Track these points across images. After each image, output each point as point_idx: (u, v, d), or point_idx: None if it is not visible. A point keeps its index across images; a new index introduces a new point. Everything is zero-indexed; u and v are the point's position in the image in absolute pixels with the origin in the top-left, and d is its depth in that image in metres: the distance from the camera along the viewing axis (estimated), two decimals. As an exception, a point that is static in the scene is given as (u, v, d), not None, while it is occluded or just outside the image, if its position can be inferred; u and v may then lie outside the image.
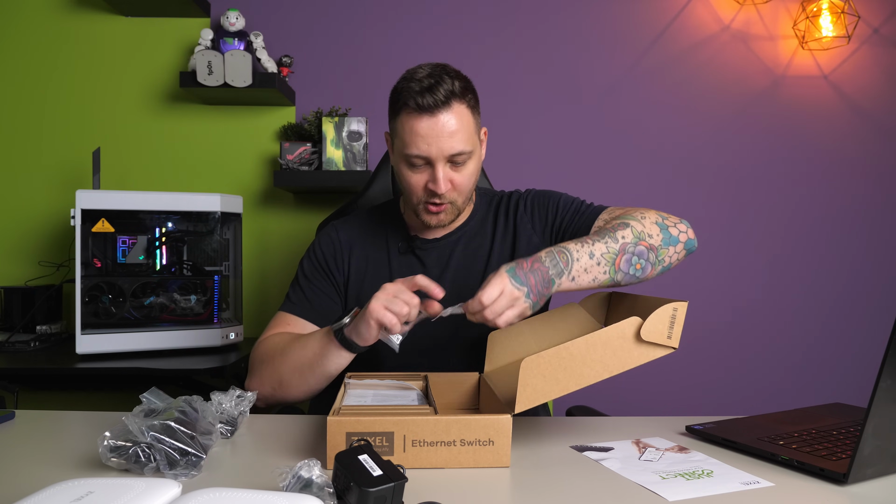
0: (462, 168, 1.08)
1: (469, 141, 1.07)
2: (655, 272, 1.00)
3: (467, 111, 1.07)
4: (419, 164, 1.08)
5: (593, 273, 0.94)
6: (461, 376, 1.03)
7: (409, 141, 1.06)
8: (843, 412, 1.00)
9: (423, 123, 1.04)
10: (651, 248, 0.98)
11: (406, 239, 1.21)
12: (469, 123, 1.07)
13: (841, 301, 2.15)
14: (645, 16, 2.10)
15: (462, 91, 1.07)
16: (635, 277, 0.98)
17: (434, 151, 1.05)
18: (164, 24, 2.05)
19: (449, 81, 1.05)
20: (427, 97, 1.03)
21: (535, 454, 0.84)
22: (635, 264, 0.96)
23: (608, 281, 0.96)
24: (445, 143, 1.05)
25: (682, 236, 1.02)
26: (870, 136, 2.14)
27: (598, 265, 0.94)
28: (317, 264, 1.21)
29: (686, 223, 1.04)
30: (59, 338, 1.83)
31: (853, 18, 2.05)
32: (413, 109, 1.04)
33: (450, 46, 2.08)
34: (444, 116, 1.04)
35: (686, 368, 2.12)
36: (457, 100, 1.05)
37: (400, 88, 1.08)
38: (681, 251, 1.02)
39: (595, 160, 2.11)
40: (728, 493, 0.70)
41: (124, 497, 0.59)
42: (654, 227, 1.00)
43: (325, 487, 0.62)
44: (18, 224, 2.06)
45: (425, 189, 1.09)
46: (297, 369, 1.05)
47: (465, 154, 1.07)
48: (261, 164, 2.07)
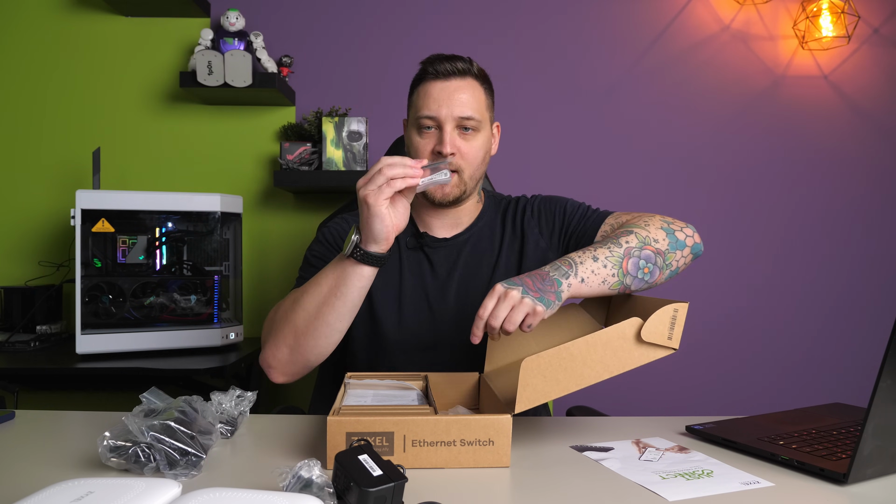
0: (470, 137, 1.11)
1: (478, 111, 1.11)
2: (664, 276, 1.00)
3: (480, 88, 1.13)
4: (429, 127, 1.10)
5: (602, 275, 0.94)
6: (461, 376, 1.03)
7: (421, 104, 1.11)
8: (843, 412, 1.00)
9: (436, 86, 1.10)
10: (658, 252, 0.98)
11: (415, 235, 1.21)
12: (480, 98, 1.12)
13: (841, 301, 2.15)
14: (645, 16, 2.10)
15: (479, 72, 1.14)
16: (645, 282, 0.98)
17: (444, 112, 1.09)
18: (164, 24, 2.05)
19: (467, 61, 1.12)
20: (445, 64, 1.10)
21: (535, 454, 0.84)
22: (643, 268, 0.97)
23: (618, 284, 0.95)
24: (456, 106, 1.09)
25: (689, 240, 1.03)
26: (870, 136, 2.14)
27: (604, 267, 0.94)
28: (326, 244, 1.20)
29: (692, 227, 1.05)
30: (59, 338, 1.83)
31: (853, 18, 2.05)
32: (430, 75, 1.11)
33: (450, 46, 2.07)
34: (457, 82, 1.10)
35: (686, 368, 2.12)
36: (472, 76, 1.12)
37: (422, 66, 1.14)
38: (688, 255, 1.03)
39: (595, 160, 2.11)
40: (728, 493, 0.70)
41: (124, 497, 0.59)
42: (660, 231, 1.01)
43: (325, 487, 0.62)
44: (18, 224, 2.06)
45: (432, 153, 1.10)
46: (314, 311, 0.99)
47: (473, 121, 1.10)
48: (261, 164, 2.07)
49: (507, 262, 1.19)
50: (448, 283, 1.18)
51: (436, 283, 1.18)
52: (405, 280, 1.18)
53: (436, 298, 1.17)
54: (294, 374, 1.05)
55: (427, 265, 1.19)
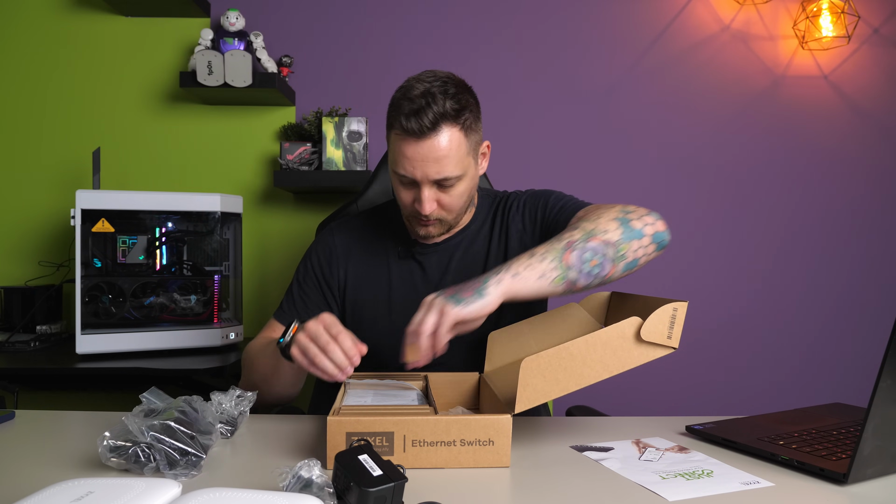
0: (450, 190, 1.06)
1: (459, 165, 1.03)
2: (619, 269, 0.92)
3: (459, 134, 1.02)
4: (406, 183, 1.06)
5: (539, 269, 0.87)
6: (461, 376, 1.03)
7: (396, 160, 1.05)
8: (843, 412, 1.00)
9: (409, 147, 1.01)
10: (607, 242, 0.91)
11: (406, 243, 1.20)
12: (460, 147, 1.03)
13: (841, 301, 2.15)
14: (645, 16, 2.10)
15: (455, 113, 1.01)
16: (595, 276, 0.90)
17: (419, 175, 1.03)
18: (164, 24, 2.05)
19: (441, 103, 1.00)
20: (413, 122, 0.99)
21: (535, 454, 0.84)
22: (590, 261, 0.89)
23: (561, 279, 0.88)
24: (431, 168, 1.02)
25: (649, 229, 0.95)
26: (870, 136, 2.14)
27: (541, 262, 0.88)
28: (311, 272, 1.22)
29: (655, 215, 0.97)
30: (59, 338, 1.83)
31: (853, 18, 2.05)
32: (400, 131, 1.02)
33: (450, 46, 2.08)
34: (431, 142, 1.00)
35: (686, 368, 2.12)
36: (448, 123, 1.01)
37: (394, 102, 1.04)
38: (648, 245, 0.95)
39: (595, 160, 2.11)
40: (728, 493, 0.70)
41: (124, 497, 0.59)
42: (612, 222, 0.94)
43: (325, 487, 0.62)
44: (18, 224, 2.06)
45: (412, 205, 1.08)
46: (262, 378, 1.09)
47: (452, 178, 1.04)
48: (261, 164, 2.07)
49: (495, 261, 1.18)
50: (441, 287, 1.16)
51: (427, 289, 1.17)
52: (394, 291, 1.18)
53: None
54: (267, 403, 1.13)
55: (419, 272, 1.19)
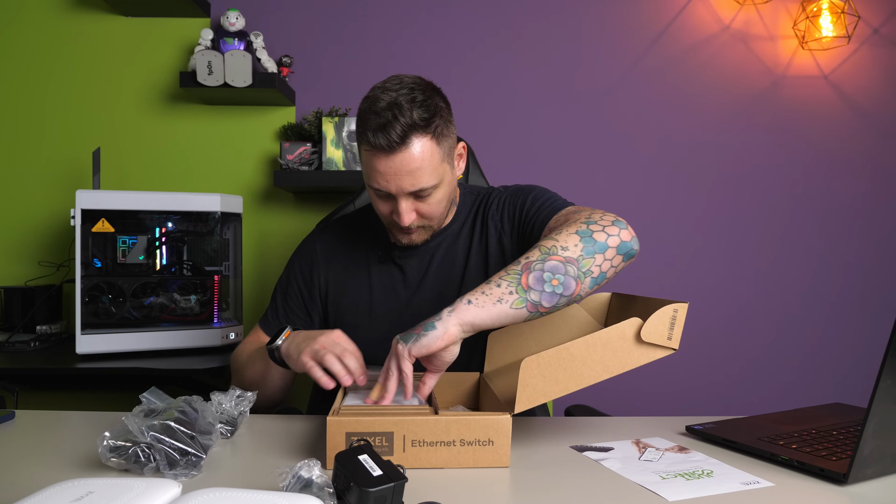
0: (428, 199, 1.04)
1: (433, 174, 1.01)
2: (585, 285, 0.88)
3: (430, 143, 1.00)
4: (383, 196, 1.05)
5: (495, 294, 0.84)
6: (461, 376, 1.03)
7: (369, 174, 1.02)
8: (843, 412, 1.00)
9: (381, 162, 0.99)
10: (567, 260, 0.86)
11: (385, 247, 1.19)
12: (433, 156, 1.00)
13: (841, 301, 2.15)
14: (645, 16, 2.10)
15: (425, 122, 0.98)
16: (559, 296, 0.86)
17: (394, 188, 1.01)
18: (164, 24, 2.05)
19: (408, 113, 0.97)
20: (381, 137, 0.97)
21: (535, 454, 0.84)
22: (550, 280, 0.85)
23: (521, 302, 0.84)
24: (406, 181, 0.99)
25: (613, 240, 0.90)
26: (870, 136, 2.14)
27: (498, 287, 0.84)
28: (293, 283, 1.23)
29: (620, 224, 0.92)
30: (59, 338, 1.83)
31: (853, 18, 2.05)
32: (369, 147, 0.99)
33: (450, 46, 2.08)
34: (402, 156, 0.98)
35: (686, 369, 2.12)
36: (417, 133, 0.98)
37: (360, 115, 1.01)
38: (614, 257, 0.90)
39: (595, 160, 2.11)
40: (728, 493, 0.70)
41: (124, 497, 0.59)
42: (572, 237, 0.89)
43: (325, 487, 0.62)
44: (18, 224, 2.06)
45: (391, 216, 1.07)
46: (251, 383, 1.12)
47: (428, 188, 1.02)
48: (261, 164, 2.07)
49: (476, 261, 1.16)
50: (420, 292, 1.17)
51: (408, 293, 1.17)
52: (375, 296, 1.18)
53: (410, 308, 1.16)
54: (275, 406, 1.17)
55: (399, 275, 1.18)
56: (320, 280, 1.21)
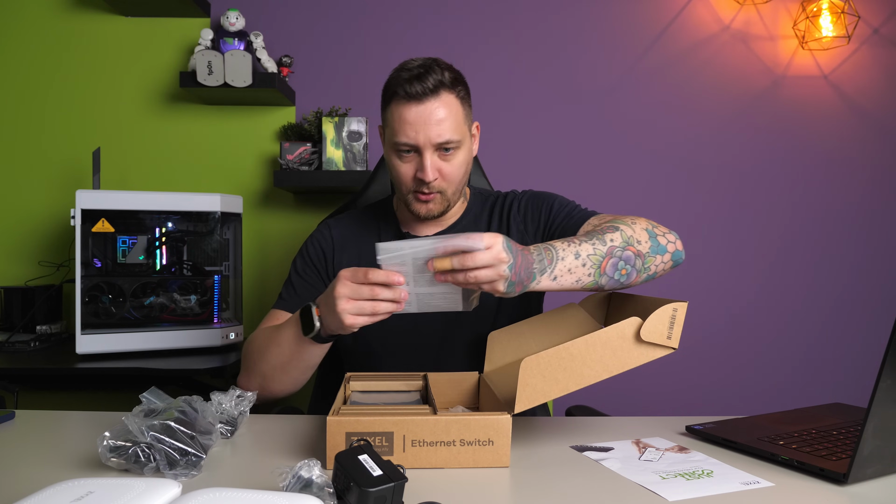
0: (451, 157, 1.09)
1: (458, 130, 1.07)
2: (640, 279, 0.97)
3: (456, 101, 1.08)
4: (408, 153, 1.08)
5: (577, 274, 0.90)
6: (461, 376, 1.03)
7: (397, 129, 1.07)
8: (843, 412, 1.00)
9: (411, 111, 1.05)
10: (638, 254, 0.95)
11: (398, 235, 1.20)
12: (458, 114, 1.08)
13: (841, 301, 2.15)
14: (645, 16, 2.10)
15: (452, 81, 1.08)
16: (619, 283, 0.94)
17: (422, 139, 1.05)
18: (164, 24, 2.05)
19: (439, 72, 1.06)
20: (416, 85, 1.04)
21: (535, 454, 0.84)
22: (621, 269, 0.93)
23: (592, 284, 0.92)
24: (433, 130, 1.05)
25: (671, 246, 0.99)
26: (870, 136, 2.14)
27: (583, 266, 0.90)
28: (308, 262, 1.22)
29: (675, 234, 1.02)
30: (59, 338, 1.83)
31: (853, 18, 2.05)
32: (402, 97, 1.06)
33: (450, 46, 2.08)
34: (433, 104, 1.05)
35: (686, 368, 2.12)
36: (446, 89, 1.07)
37: (391, 78, 1.09)
38: (668, 262, 0.99)
39: (595, 160, 2.11)
40: (728, 493, 0.70)
41: (124, 497, 0.59)
42: (644, 233, 0.97)
43: (325, 487, 0.62)
44: (18, 224, 2.06)
45: (414, 178, 1.09)
46: (276, 367, 1.07)
47: (453, 143, 1.07)
48: (261, 164, 2.07)
49: None
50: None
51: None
52: None
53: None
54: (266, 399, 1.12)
55: None
56: (336, 264, 1.21)
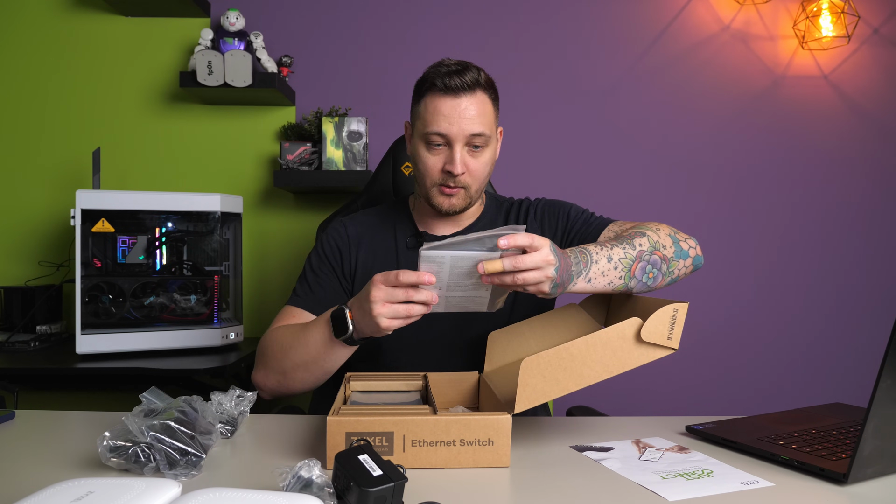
0: (479, 154, 1.12)
1: (488, 126, 1.11)
2: (664, 283, 1.02)
3: (489, 101, 1.12)
4: (438, 144, 1.10)
5: (609, 277, 0.94)
6: (461, 376, 1.03)
7: (431, 120, 1.10)
8: (843, 412, 1.00)
9: (447, 103, 1.08)
10: (664, 258, 0.99)
11: (414, 234, 1.22)
12: (490, 112, 1.12)
13: (841, 301, 2.15)
14: (645, 16, 2.10)
15: (487, 82, 1.12)
16: (646, 286, 0.99)
17: (455, 130, 1.08)
18: (164, 24, 2.05)
19: (475, 71, 1.11)
20: (455, 79, 1.08)
21: (535, 454, 0.84)
22: (648, 272, 0.98)
23: (622, 287, 0.96)
24: (466, 123, 1.08)
25: (692, 251, 1.04)
26: (870, 136, 2.14)
27: (614, 269, 0.95)
28: (324, 258, 1.22)
29: (695, 240, 1.06)
30: (59, 338, 1.83)
31: (853, 18, 2.05)
32: (439, 89, 1.09)
33: (450, 46, 2.08)
34: (468, 99, 1.09)
35: (686, 368, 2.12)
36: (481, 88, 1.11)
37: (428, 73, 1.12)
38: (688, 266, 1.04)
39: (595, 160, 2.11)
40: (728, 493, 0.70)
41: (124, 497, 0.59)
42: (668, 238, 1.02)
43: (325, 487, 0.62)
44: (18, 224, 2.06)
45: (442, 171, 1.11)
46: (299, 365, 1.06)
47: (484, 137, 1.10)
48: (261, 164, 2.07)
49: None
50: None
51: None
52: None
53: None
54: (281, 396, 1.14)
55: None
56: (351, 260, 1.21)
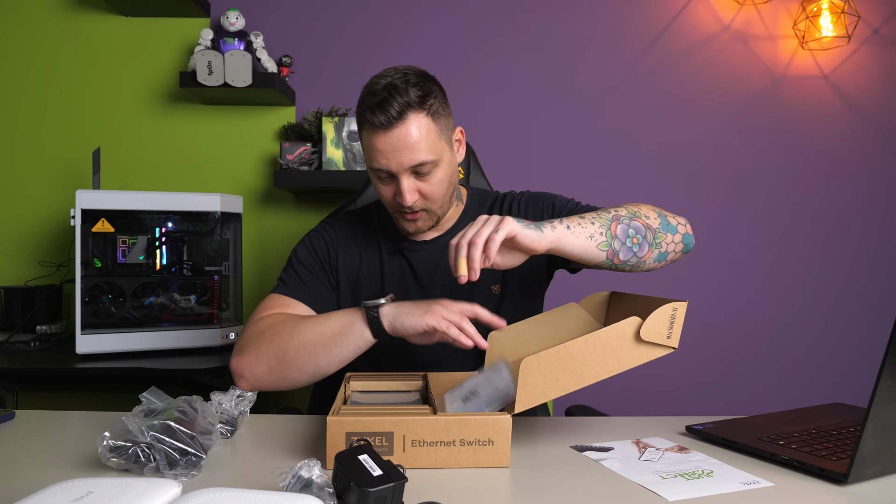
0: (429, 177, 1.06)
1: (431, 150, 1.04)
2: (653, 256, 0.97)
3: (427, 120, 1.03)
4: (384, 177, 1.06)
5: (589, 230, 0.91)
6: (461, 376, 1.03)
7: (370, 155, 1.05)
8: (843, 412, 1.00)
9: (380, 139, 1.02)
10: (648, 227, 0.96)
11: (395, 239, 1.19)
12: (430, 132, 1.04)
13: (841, 301, 2.15)
14: (645, 16, 2.10)
15: (420, 100, 1.03)
16: (634, 254, 0.95)
17: (394, 165, 1.03)
18: (164, 24, 2.05)
19: (403, 92, 1.01)
20: (379, 114, 1.01)
21: (535, 454, 0.84)
22: (632, 237, 0.94)
23: (606, 245, 0.92)
24: (405, 156, 1.02)
25: (681, 228, 1.01)
26: (870, 136, 2.14)
27: (592, 224, 0.91)
28: (313, 253, 1.19)
29: (685, 219, 1.03)
30: (59, 338, 1.83)
31: (853, 18, 2.05)
32: (369, 126, 1.03)
33: (450, 46, 2.08)
34: (400, 130, 1.01)
35: (686, 368, 2.12)
36: (413, 110, 1.02)
37: (360, 101, 1.06)
38: (678, 243, 1.00)
39: (595, 160, 2.11)
40: (728, 493, 0.70)
41: (124, 497, 0.59)
42: (652, 211, 0.99)
43: (325, 487, 0.62)
44: (18, 224, 2.06)
45: (395, 200, 1.08)
46: (308, 346, 0.98)
47: (427, 164, 1.04)
48: (261, 164, 2.07)
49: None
50: (431, 288, 1.16)
51: (418, 288, 1.17)
52: (387, 288, 1.17)
53: None
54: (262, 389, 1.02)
55: (409, 270, 1.18)
56: (337, 263, 1.19)
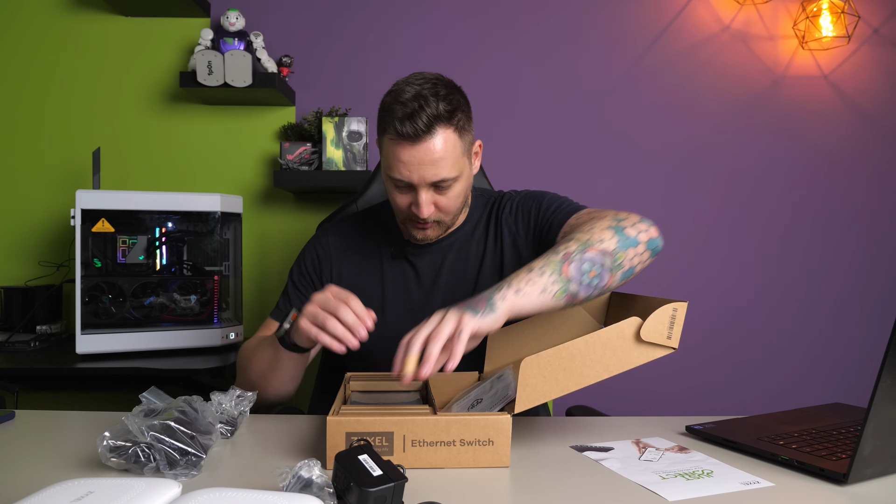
0: (447, 191, 1.06)
1: (454, 166, 1.03)
2: (616, 278, 0.91)
3: (453, 135, 1.02)
4: (402, 187, 1.06)
5: (539, 284, 0.85)
6: (461, 376, 1.03)
7: (391, 165, 1.04)
8: (843, 412, 1.00)
9: (405, 151, 1.01)
10: (604, 252, 0.90)
11: (398, 244, 1.19)
12: (455, 148, 1.03)
13: (841, 301, 2.15)
14: (645, 16, 2.10)
15: (448, 114, 1.01)
16: (594, 287, 0.89)
17: (416, 178, 1.02)
18: (164, 24, 2.05)
19: (434, 105, 1.00)
20: (408, 125, 0.99)
21: (535, 454, 0.84)
22: (588, 272, 0.88)
23: (562, 293, 0.86)
24: (428, 170, 1.01)
25: (643, 236, 0.94)
26: (870, 136, 2.14)
27: (541, 276, 0.85)
28: (304, 271, 1.22)
29: (647, 222, 0.96)
30: (59, 338, 1.83)
31: (853, 18, 2.05)
32: (394, 136, 1.01)
33: (450, 46, 2.08)
34: (427, 144, 1.00)
35: (686, 368, 2.12)
36: (442, 125, 1.00)
37: (385, 107, 1.04)
38: (643, 252, 0.94)
39: (595, 160, 2.11)
40: (728, 493, 0.70)
41: (124, 497, 0.59)
42: (607, 231, 0.93)
43: (325, 487, 0.62)
44: (18, 224, 2.06)
45: (409, 209, 1.07)
46: (260, 374, 1.08)
47: (449, 180, 1.04)
48: (261, 164, 2.07)
49: (491, 263, 1.17)
50: (433, 291, 1.17)
51: (421, 292, 1.17)
52: (387, 293, 1.17)
53: (422, 307, 1.15)
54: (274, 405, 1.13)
55: (412, 273, 1.18)
56: (332, 273, 1.20)
